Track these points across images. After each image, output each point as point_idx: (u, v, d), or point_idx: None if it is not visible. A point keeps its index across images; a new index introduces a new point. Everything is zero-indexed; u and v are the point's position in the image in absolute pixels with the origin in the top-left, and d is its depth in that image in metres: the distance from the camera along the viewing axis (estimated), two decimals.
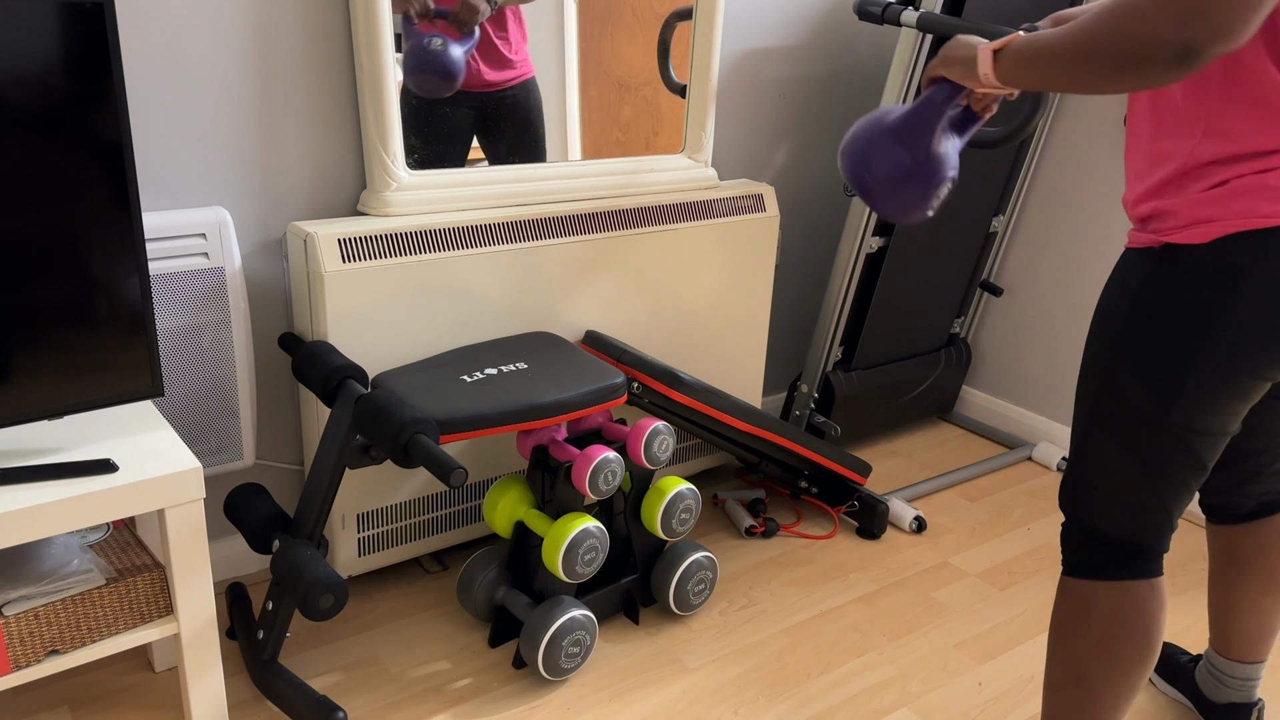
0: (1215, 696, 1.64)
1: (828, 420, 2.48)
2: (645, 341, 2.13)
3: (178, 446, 1.41)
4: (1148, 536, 1.27)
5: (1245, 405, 1.21)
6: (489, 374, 1.74)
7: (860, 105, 2.56)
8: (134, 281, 1.35)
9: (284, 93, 1.73)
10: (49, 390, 1.34)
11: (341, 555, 1.87)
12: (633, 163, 2.08)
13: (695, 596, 1.91)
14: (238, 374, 1.75)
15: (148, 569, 1.43)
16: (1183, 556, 2.24)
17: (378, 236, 1.73)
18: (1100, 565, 1.28)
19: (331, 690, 1.70)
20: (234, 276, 1.70)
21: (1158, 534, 1.27)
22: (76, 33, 1.22)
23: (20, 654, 1.33)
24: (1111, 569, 1.28)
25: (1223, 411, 1.19)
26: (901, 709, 1.72)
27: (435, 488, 1.94)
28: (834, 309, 2.38)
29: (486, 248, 1.85)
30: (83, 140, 1.26)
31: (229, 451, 1.79)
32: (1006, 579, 2.12)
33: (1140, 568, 1.27)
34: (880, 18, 2.15)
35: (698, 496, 1.84)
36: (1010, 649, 1.89)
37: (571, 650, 1.70)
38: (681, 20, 2.08)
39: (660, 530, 1.82)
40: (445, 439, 1.60)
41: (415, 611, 1.92)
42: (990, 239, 2.62)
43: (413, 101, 1.80)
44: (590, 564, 1.71)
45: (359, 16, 1.69)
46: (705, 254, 2.16)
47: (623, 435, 1.81)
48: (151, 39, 1.60)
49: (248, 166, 1.74)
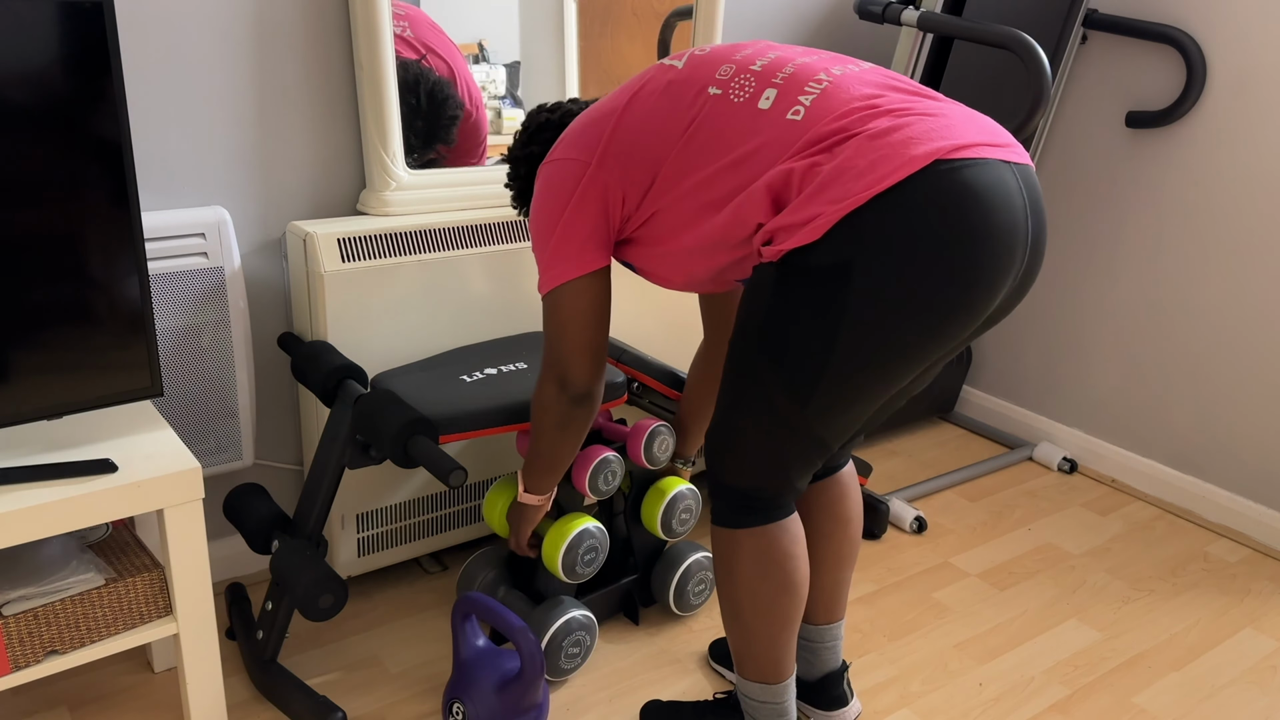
0: (809, 674, 1.65)
1: None
2: (645, 341, 2.13)
3: (177, 446, 1.41)
4: (774, 492, 1.39)
5: (873, 405, 1.30)
6: (489, 374, 1.74)
7: None
8: (133, 281, 1.35)
9: (283, 92, 1.73)
10: (49, 390, 1.34)
11: (341, 555, 1.86)
12: None
13: (695, 597, 1.90)
14: (237, 374, 1.75)
15: (147, 569, 1.43)
16: (1182, 557, 2.24)
17: (377, 236, 1.73)
18: (736, 514, 1.40)
19: (331, 690, 1.70)
20: (233, 276, 1.70)
21: (782, 491, 1.39)
22: (76, 32, 1.22)
23: (19, 654, 1.33)
24: (745, 517, 1.39)
25: (850, 412, 1.29)
26: (901, 709, 1.72)
27: (435, 488, 1.94)
28: None
29: (486, 247, 1.85)
30: (82, 140, 1.26)
31: (228, 451, 1.79)
32: (1007, 579, 2.12)
33: (770, 514, 1.39)
34: (880, 17, 2.15)
35: (698, 496, 1.84)
36: (1011, 649, 1.89)
37: (571, 651, 1.70)
38: (681, 20, 2.07)
39: (660, 530, 1.82)
40: (445, 439, 1.60)
41: (415, 611, 1.91)
42: None
43: (411, 101, 1.80)
44: (590, 564, 1.71)
45: (359, 16, 1.69)
46: None
47: (622, 435, 1.81)
48: (151, 39, 1.60)
49: (247, 166, 1.74)
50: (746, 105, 1.28)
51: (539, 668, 1.49)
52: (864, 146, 1.19)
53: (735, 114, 1.28)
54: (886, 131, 1.19)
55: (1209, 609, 2.05)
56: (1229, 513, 2.37)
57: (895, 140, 1.18)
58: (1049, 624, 1.97)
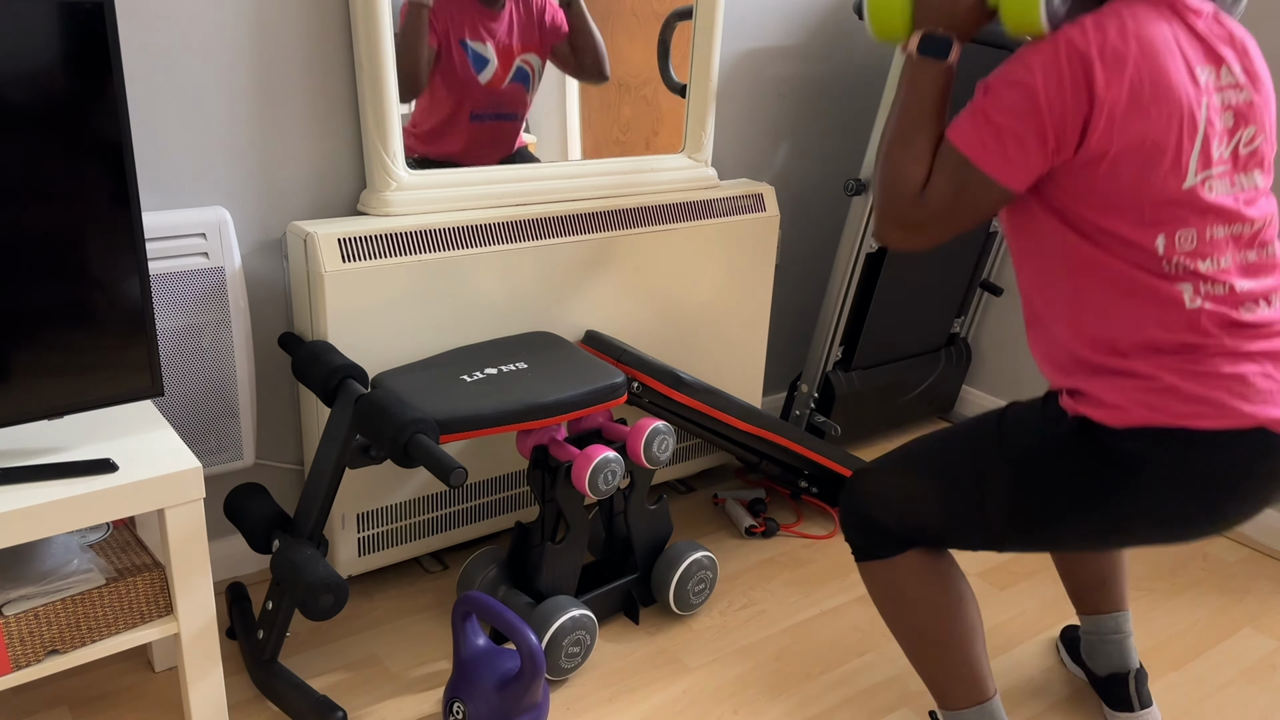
0: (1097, 667, 1.69)
1: (828, 420, 2.48)
2: (645, 341, 2.13)
3: (178, 446, 1.41)
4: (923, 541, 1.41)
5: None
6: (489, 374, 1.74)
7: (860, 105, 2.56)
8: (134, 281, 1.35)
9: (284, 92, 1.73)
10: (49, 390, 1.34)
11: (341, 555, 1.87)
12: (633, 162, 2.08)
13: (695, 596, 1.91)
14: (238, 374, 1.75)
15: (148, 569, 1.43)
16: (1181, 557, 2.24)
17: (378, 236, 1.73)
18: (883, 545, 1.42)
19: (331, 690, 1.70)
20: (234, 276, 1.70)
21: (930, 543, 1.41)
22: (76, 33, 1.22)
23: (20, 654, 1.33)
24: (892, 547, 1.41)
25: (1052, 549, 1.33)
26: (901, 709, 1.72)
27: (435, 487, 1.94)
28: (834, 309, 2.38)
29: (486, 247, 1.85)
30: (83, 140, 1.26)
31: (229, 451, 1.79)
32: (1007, 579, 2.12)
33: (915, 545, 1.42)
34: None
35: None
36: (1010, 649, 1.89)
37: (571, 650, 1.70)
38: (681, 20, 2.07)
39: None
40: (445, 439, 1.60)
41: (415, 611, 1.92)
42: (990, 239, 2.62)
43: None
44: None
45: (359, 15, 1.69)
46: (705, 254, 2.16)
47: (623, 435, 1.81)
48: (151, 39, 1.60)
49: (248, 166, 1.74)
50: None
51: (539, 667, 1.50)
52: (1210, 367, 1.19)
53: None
54: (1238, 360, 1.19)
55: (1208, 608, 2.05)
56: None
57: (1231, 381, 1.18)
58: (1049, 624, 1.97)
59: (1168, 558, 2.23)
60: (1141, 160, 1.15)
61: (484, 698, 1.52)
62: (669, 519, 1.91)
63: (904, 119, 1.25)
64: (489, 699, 1.52)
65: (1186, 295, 1.18)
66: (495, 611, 1.51)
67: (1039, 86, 1.14)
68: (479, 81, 1.86)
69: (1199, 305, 1.18)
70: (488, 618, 1.52)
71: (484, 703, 1.52)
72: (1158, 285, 1.18)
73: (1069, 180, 1.19)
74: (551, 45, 1.93)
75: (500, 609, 1.51)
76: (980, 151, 1.18)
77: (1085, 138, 1.15)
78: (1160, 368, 1.19)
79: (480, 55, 1.84)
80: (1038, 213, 1.24)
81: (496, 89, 1.88)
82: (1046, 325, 1.29)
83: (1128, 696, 1.64)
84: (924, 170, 1.23)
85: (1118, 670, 1.66)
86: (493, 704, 1.52)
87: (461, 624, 1.57)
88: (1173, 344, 1.19)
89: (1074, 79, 1.13)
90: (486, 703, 1.52)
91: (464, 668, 1.56)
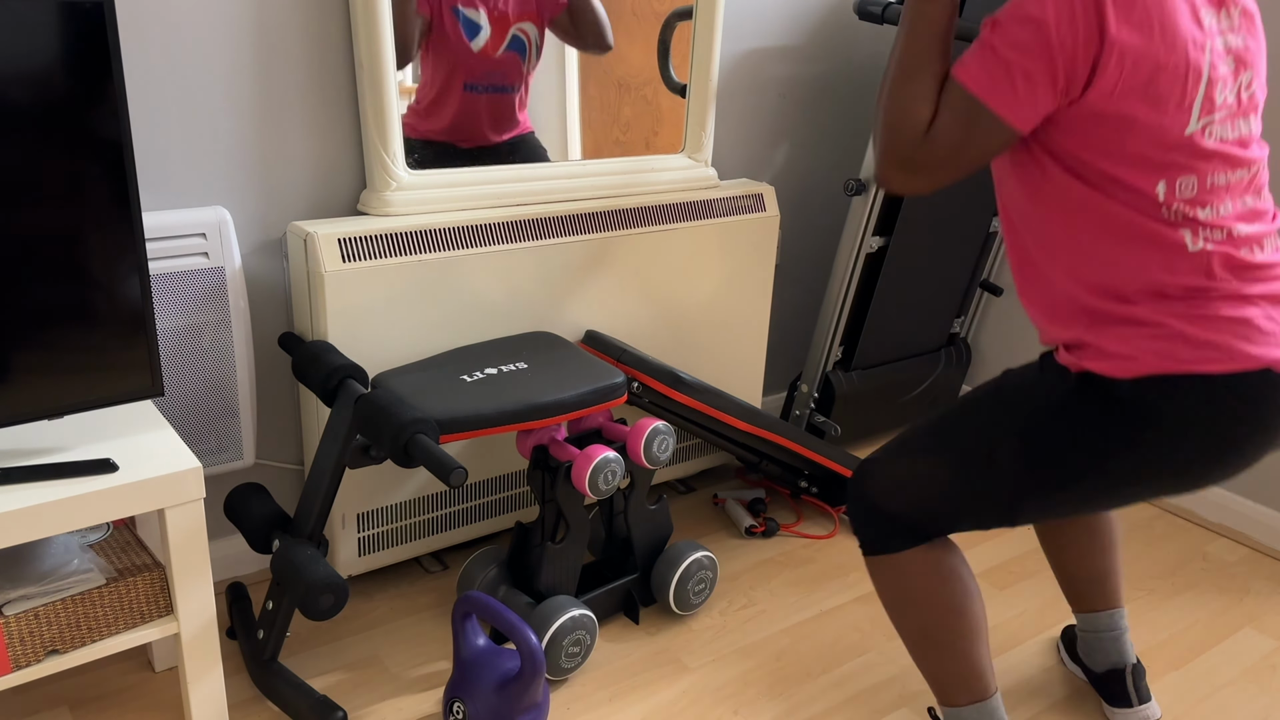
0: (1095, 664, 1.69)
1: (828, 420, 2.48)
2: (645, 341, 2.13)
3: (178, 446, 1.41)
4: (937, 530, 1.39)
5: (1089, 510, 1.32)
6: (489, 374, 1.74)
7: (860, 105, 2.56)
8: (134, 281, 1.35)
9: (284, 92, 1.73)
10: (49, 390, 1.34)
11: (341, 555, 1.87)
12: (633, 162, 2.08)
13: (695, 596, 1.91)
14: (238, 374, 1.75)
15: (148, 569, 1.43)
16: (1181, 557, 2.24)
17: (378, 236, 1.73)
18: (894, 538, 1.40)
19: (331, 690, 1.70)
20: (234, 276, 1.70)
21: (946, 531, 1.39)
22: (76, 33, 1.22)
23: (20, 654, 1.33)
24: (904, 540, 1.39)
25: (1066, 513, 1.31)
26: (901, 709, 1.72)
27: (435, 487, 1.94)
28: (834, 309, 2.38)
29: (486, 247, 1.85)
30: (83, 140, 1.26)
31: (229, 451, 1.79)
32: (1006, 579, 2.12)
33: (928, 538, 1.40)
34: (880, 18, 2.15)
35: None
36: (1010, 649, 1.89)
37: (571, 650, 1.70)
38: (681, 20, 2.07)
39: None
40: (445, 439, 1.60)
41: (415, 611, 1.92)
42: (990, 239, 2.62)
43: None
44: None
45: (359, 16, 1.69)
46: (705, 254, 2.16)
47: (623, 435, 1.81)
48: (151, 39, 1.60)
49: (248, 166, 1.74)
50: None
51: (539, 667, 1.50)
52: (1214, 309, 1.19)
53: None
54: (1241, 304, 1.19)
55: (1208, 608, 2.05)
56: (1228, 512, 2.37)
57: (1235, 325, 1.18)
58: (1049, 623, 1.97)
59: (1167, 558, 2.23)
60: (1147, 104, 1.13)
61: (484, 698, 1.52)
62: (669, 519, 1.92)
63: (906, 56, 1.21)
64: (489, 699, 1.52)
65: (1187, 239, 1.18)
66: (495, 611, 1.51)
67: (1050, 22, 1.10)
68: (471, 49, 1.84)
69: (1201, 247, 1.18)
70: (488, 618, 1.52)
71: (484, 703, 1.52)
72: (1157, 229, 1.18)
73: (1071, 122, 1.17)
74: (550, 17, 1.91)
75: (500, 609, 1.51)
76: (989, 90, 1.14)
77: (1093, 79, 1.12)
78: (1165, 314, 1.18)
79: (472, 21, 1.82)
80: (1037, 155, 1.22)
81: (490, 57, 1.86)
82: (1044, 273, 1.27)
83: (1125, 691, 1.64)
84: (929, 110, 1.19)
85: (1115, 666, 1.66)
86: (493, 704, 1.52)
87: (461, 624, 1.57)
88: (1178, 287, 1.18)
89: (1086, 16, 1.10)
90: (486, 703, 1.52)
91: (464, 668, 1.56)
